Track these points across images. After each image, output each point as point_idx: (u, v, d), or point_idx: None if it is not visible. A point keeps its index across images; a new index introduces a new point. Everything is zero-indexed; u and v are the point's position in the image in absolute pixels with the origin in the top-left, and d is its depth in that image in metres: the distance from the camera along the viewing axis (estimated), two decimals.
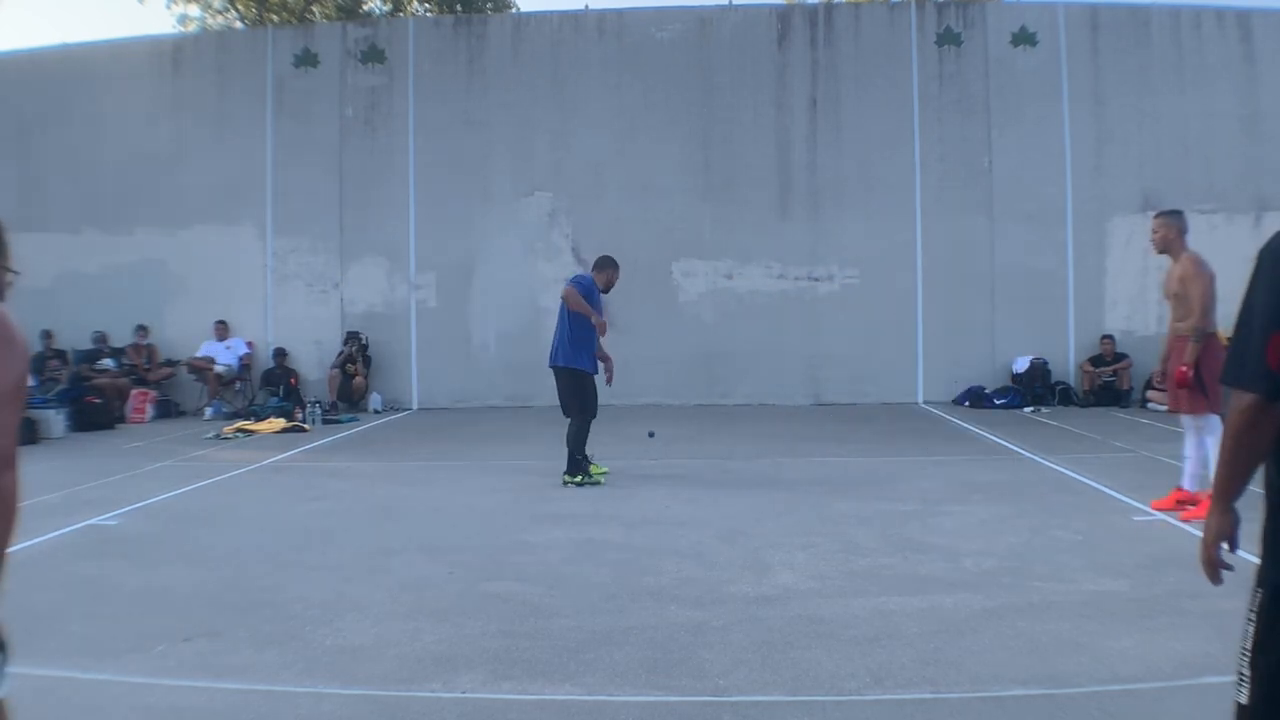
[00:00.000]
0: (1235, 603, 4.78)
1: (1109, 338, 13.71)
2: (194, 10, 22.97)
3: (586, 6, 16.34)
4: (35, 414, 11.51)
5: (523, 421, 12.40)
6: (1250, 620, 2.02)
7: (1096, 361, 13.66)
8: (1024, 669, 3.76)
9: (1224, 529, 2.19)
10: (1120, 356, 13.60)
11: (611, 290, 8.51)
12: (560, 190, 14.71)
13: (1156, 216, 6.78)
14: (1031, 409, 13.09)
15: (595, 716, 3.42)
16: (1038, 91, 14.29)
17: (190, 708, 3.51)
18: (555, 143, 14.74)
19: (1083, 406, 13.35)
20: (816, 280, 14.50)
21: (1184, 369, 6.24)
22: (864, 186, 14.40)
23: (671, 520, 6.56)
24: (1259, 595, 2.03)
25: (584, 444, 7.96)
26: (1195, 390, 6.24)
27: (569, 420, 8.05)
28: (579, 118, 14.70)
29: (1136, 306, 14.08)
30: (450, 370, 14.64)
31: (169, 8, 28.78)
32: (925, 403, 14.08)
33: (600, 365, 8.27)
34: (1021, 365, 13.89)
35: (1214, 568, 2.22)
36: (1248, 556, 2.03)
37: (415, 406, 14.52)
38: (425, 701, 3.56)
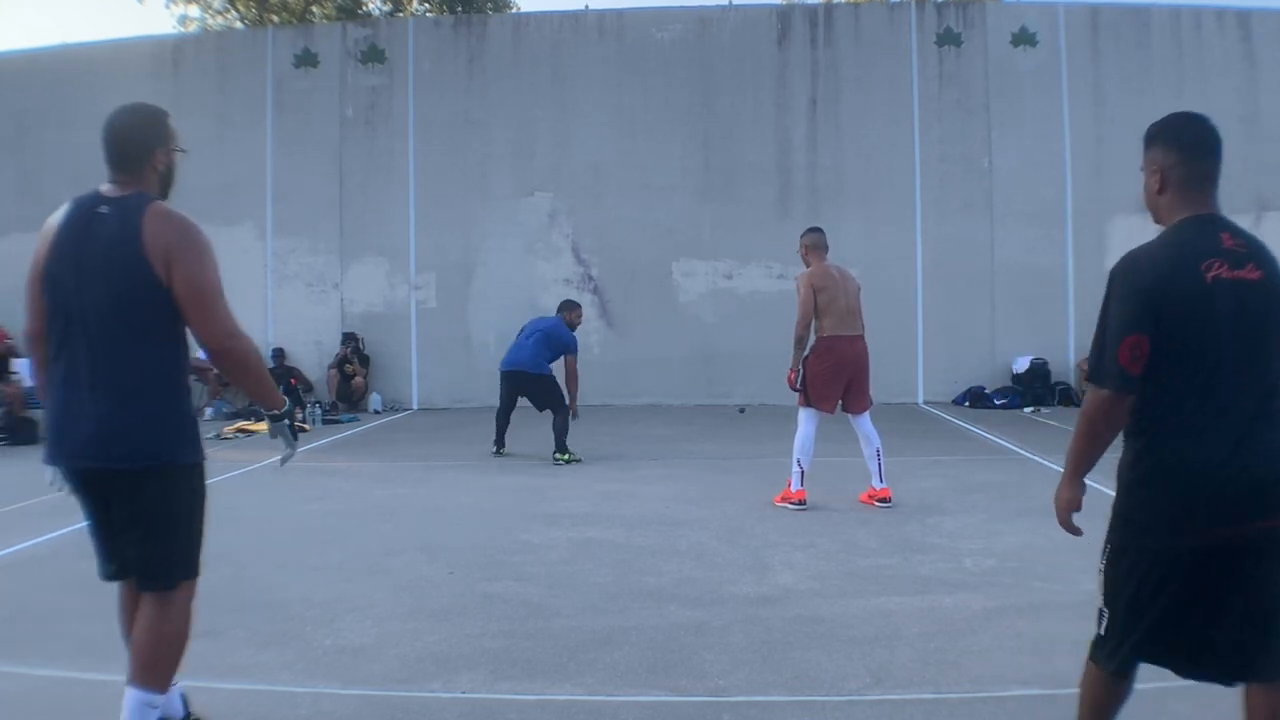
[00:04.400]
0: None
1: None
2: (194, 10, 23.00)
3: (586, 6, 16.37)
4: (35, 414, 11.52)
5: (522, 422, 12.38)
6: (1100, 570, 2.63)
7: None
8: (1024, 669, 3.77)
9: (1075, 500, 2.67)
10: None
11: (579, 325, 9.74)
12: (560, 190, 14.70)
13: (803, 234, 7.66)
14: (1031, 409, 13.09)
15: (595, 716, 3.42)
16: (1038, 91, 14.29)
17: None
18: (555, 143, 14.74)
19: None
20: None
21: (791, 374, 7.04)
22: (864, 186, 14.40)
23: (671, 520, 6.56)
24: (1107, 549, 2.62)
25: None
26: (801, 390, 7.03)
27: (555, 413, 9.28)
28: (579, 118, 14.69)
29: None
30: (450, 370, 14.63)
31: (168, 8, 28.81)
32: (925, 403, 14.08)
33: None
34: (1021, 365, 13.89)
35: (1071, 528, 2.70)
36: None
37: (415, 406, 14.52)
38: (425, 701, 3.56)
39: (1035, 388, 13.62)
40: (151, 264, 2.80)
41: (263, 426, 13.74)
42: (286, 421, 3.15)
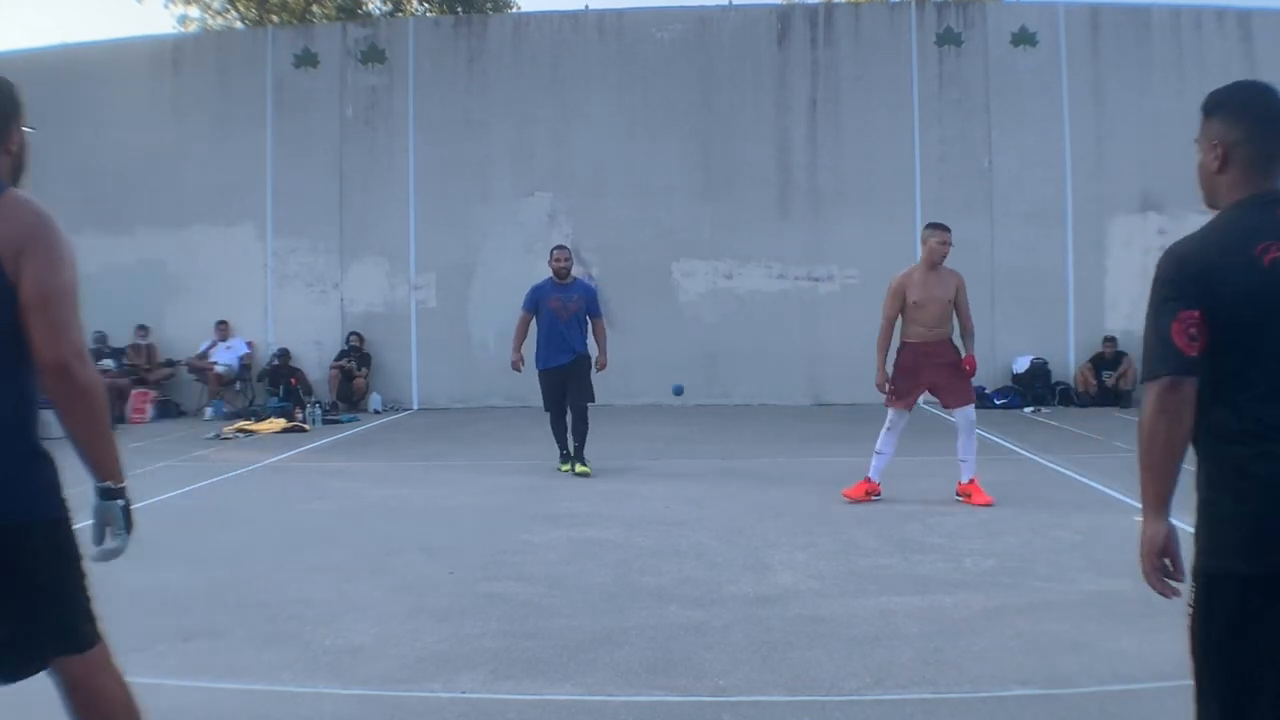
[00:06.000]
0: None
1: (1111, 338, 13.69)
2: (194, 10, 22.98)
3: (586, 6, 16.37)
4: None
5: (523, 421, 12.39)
6: (1188, 612, 2.01)
7: (1096, 361, 13.65)
8: (1024, 669, 3.77)
9: (1159, 539, 2.15)
10: (1120, 356, 13.58)
11: (567, 274, 8.75)
12: (560, 190, 14.70)
13: (946, 230, 7.23)
14: (1031, 409, 13.09)
15: (595, 716, 3.42)
16: (1038, 91, 14.29)
17: (190, 707, 3.51)
18: (555, 143, 14.73)
19: (1082, 406, 13.35)
20: (816, 280, 14.49)
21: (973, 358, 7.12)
22: (864, 186, 14.39)
23: (671, 520, 6.56)
24: (1194, 587, 2.03)
25: (554, 432, 8.70)
26: (967, 380, 7.11)
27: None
28: (579, 118, 14.69)
29: (1137, 306, 13.82)
30: (450, 370, 14.63)
31: (168, 7, 28.74)
32: (925, 403, 14.05)
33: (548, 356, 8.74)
34: (1021, 365, 13.89)
35: (1160, 582, 2.17)
36: None
37: (415, 406, 14.52)
38: (425, 701, 3.56)
39: (1035, 388, 13.62)
40: (3, 265, 2.20)
41: (266, 426, 13.66)
42: (121, 503, 2.32)
